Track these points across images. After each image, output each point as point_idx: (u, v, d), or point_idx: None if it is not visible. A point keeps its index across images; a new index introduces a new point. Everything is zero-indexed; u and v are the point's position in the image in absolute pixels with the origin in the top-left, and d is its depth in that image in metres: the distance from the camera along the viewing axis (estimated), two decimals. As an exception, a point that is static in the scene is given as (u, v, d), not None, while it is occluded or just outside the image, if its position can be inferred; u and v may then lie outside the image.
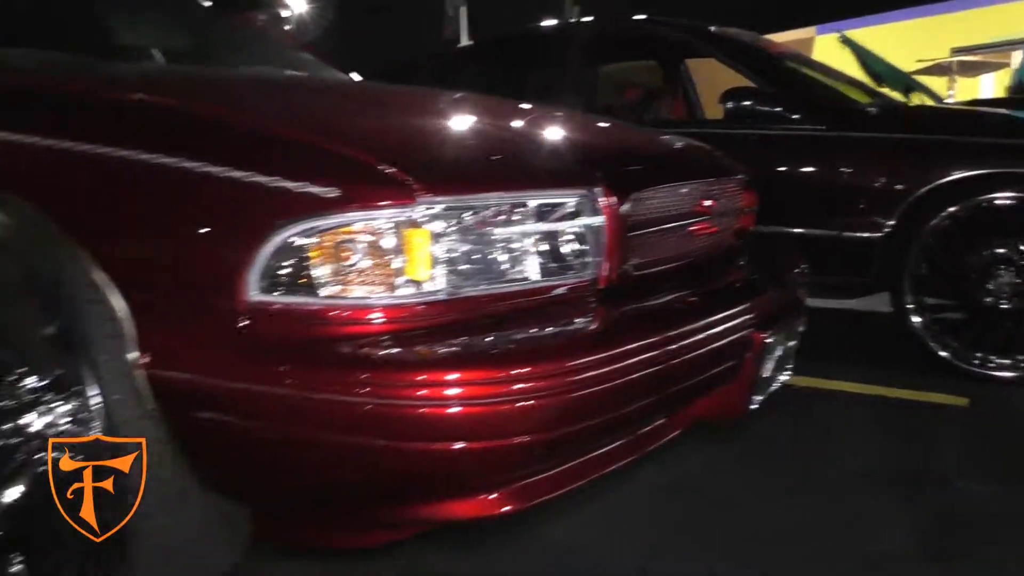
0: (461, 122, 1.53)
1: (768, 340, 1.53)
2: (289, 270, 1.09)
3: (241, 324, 1.10)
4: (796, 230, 2.80)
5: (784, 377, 1.71)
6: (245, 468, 1.20)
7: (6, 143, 1.31)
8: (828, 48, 8.65)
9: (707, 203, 1.62)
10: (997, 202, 2.57)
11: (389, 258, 1.10)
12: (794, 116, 2.88)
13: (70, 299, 1.19)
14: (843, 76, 3.59)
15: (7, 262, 1.31)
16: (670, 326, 1.32)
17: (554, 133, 1.60)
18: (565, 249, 1.26)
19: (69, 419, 1.33)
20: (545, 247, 1.23)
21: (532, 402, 1.09)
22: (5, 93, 1.46)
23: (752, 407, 1.59)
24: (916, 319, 2.71)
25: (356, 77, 2.52)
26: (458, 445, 1.07)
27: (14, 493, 1.45)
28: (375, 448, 1.07)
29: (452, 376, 1.05)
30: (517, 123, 1.64)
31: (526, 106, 1.81)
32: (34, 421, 1.34)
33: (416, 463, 1.09)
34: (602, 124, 1.87)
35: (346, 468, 1.12)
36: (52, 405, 1.33)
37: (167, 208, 1.16)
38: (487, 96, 1.88)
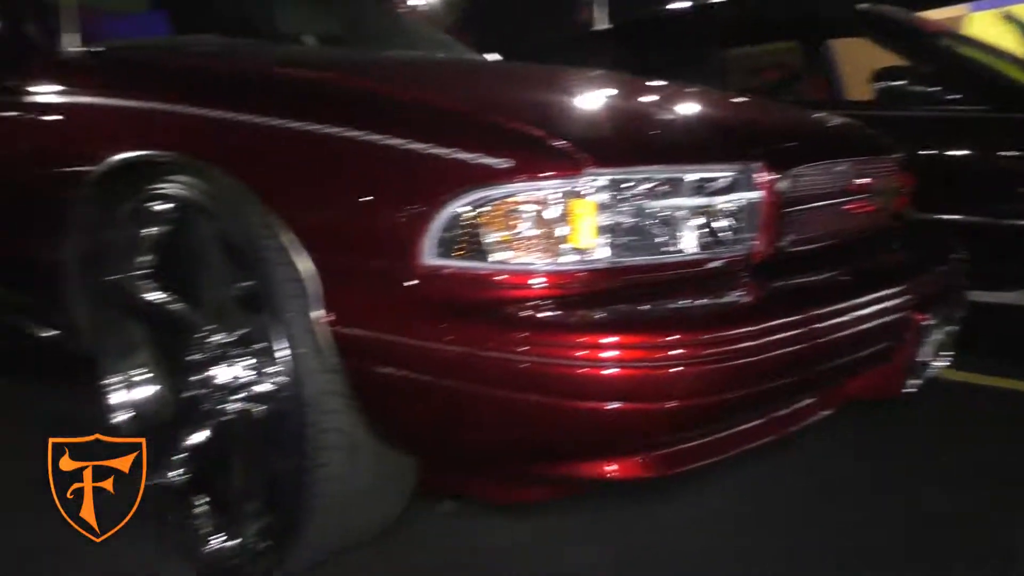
0: (618, 99, 1.58)
1: (927, 322, 1.50)
2: (462, 236, 1.17)
3: (415, 286, 1.19)
4: (951, 217, 2.68)
5: (942, 363, 1.66)
6: (414, 421, 1.29)
7: (207, 119, 1.46)
8: (984, 26, 8.07)
9: (863, 181, 1.59)
10: None
11: (554, 227, 1.16)
12: (953, 97, 2.74)
13: (262, 260, 1.31)
14: (1006, 54, 3.38)
15: (205, 226, 1.45)
16: (823, 303, 1.33)
17: (710, 110, 1.62)
18: (721, 224, 1.28)
19: (254, 372, 1.47)
20: (702, 221, 1.26)
21: (683, 369, 1.12)
22: (201, 74, 1.61)
23: (907, 391, 1.56)
24: (1084, 313, 2.54)
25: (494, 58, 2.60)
26: (611, 405, 1.12)
27: (200, 438, 1.62)
28: (534, 404, 1.13)
29: (609, 339, 1.10)
30: (672, 101, 1.67)
31: (679, 85, 1.83)
32: (220, 373, 1.49)
33: (571, 420, 1.15)
34: (756, 102, 1.87)
35: (506, 422, 1.19)
36: (238, 359, 1.47)
37: (352, 177, 1.27)
38: (637, 76, 1.92)
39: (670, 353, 1.11)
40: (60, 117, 1.80)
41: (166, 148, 1.49)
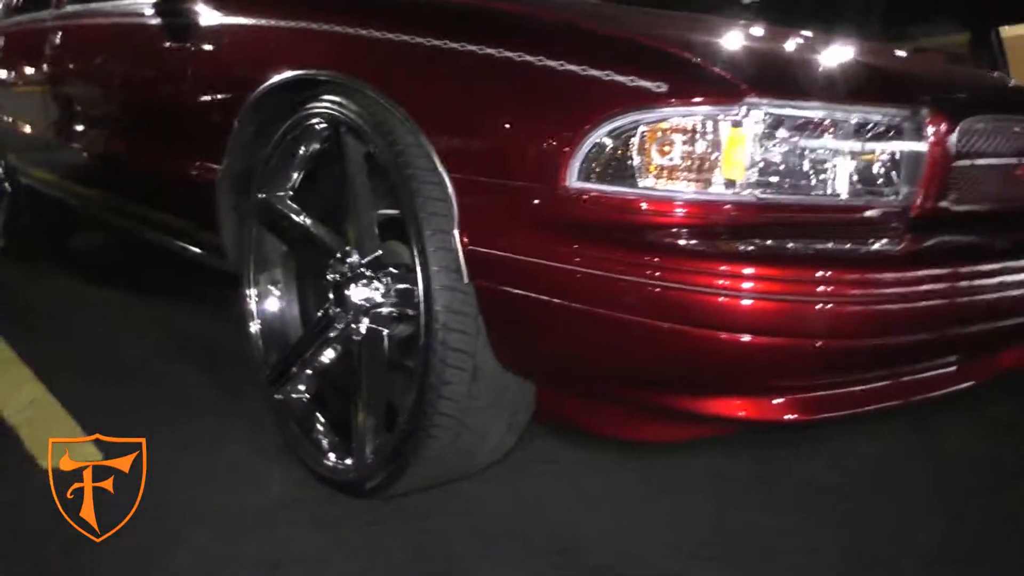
0: (781, 39, 1.51)
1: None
2: (610, 160, 1.15)
3: (555, 208, 1.18)
4: None
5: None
6: (540, 344, 1.29)
7: (362, 38, 1.49)
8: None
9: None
10: None
11: (707, 156, 1.13)
12: None
13: (408, 178, 1.34)
14: None
15: (354, 145, 1.49)
16: (981, 262, 1.25)
17: (876, 57, 1.53)
18: (880, 170, 1.21)
19: (386, 294, 1.50)
20: (860, 166, 1.20)
21: (825, 306, 1.08)
22: None
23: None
24: None
25: None
26: (746, 337, 1.09)
27: (326, 358, 1.67)
28: (668, 332, 1.11)
29: (751, 270, 1.07)
30: (837, 46, 1.59)
31: (844, 37, 1.74)
32: (354, 294, 1.53)
33: (705, 350, 1.12)
34: (927, 56, 1.76)
35: (637, 349, 1.17)
36: (372, 280, 1.51)
37: (502, 98, 1.27)
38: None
39: (813, 289, 1.07)
40: (222, 41, 1.89)
41: (323, 67, 1.54)
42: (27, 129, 3.11)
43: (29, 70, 3.04)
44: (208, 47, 1.91)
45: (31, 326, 2.57)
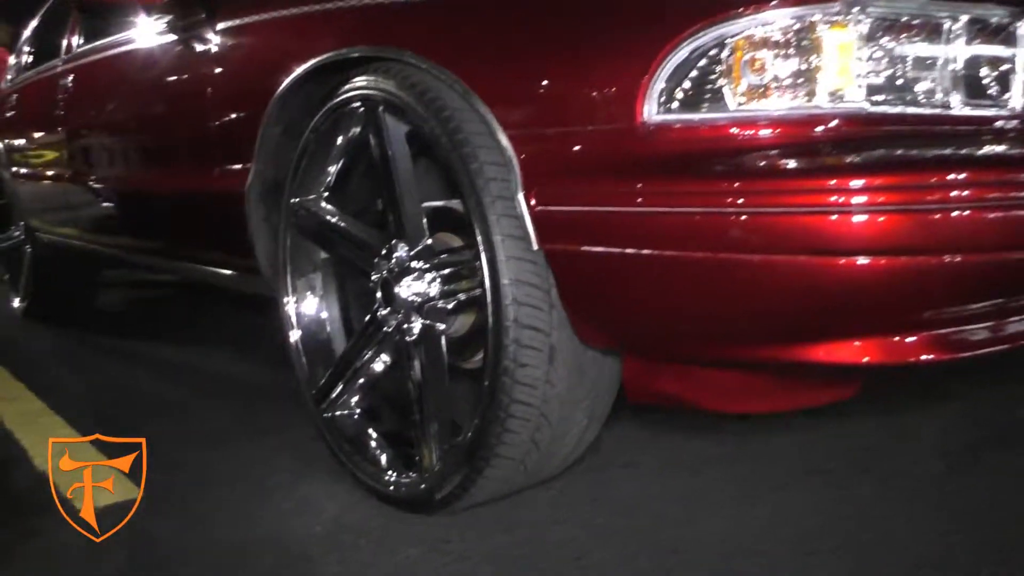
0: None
1: None
2: (693, 85, 1.02)
3: (635, 148, 1.05)
4: None
5: None
6: (629, 305, 1.15)
7: (390, 4, 1.38)
8: None
9: None
10: None
11: (806, 65, 0.99)
12: None
13: (461, 143, 1.21)
14: None
15: (395, 126, 1.37)
16: None
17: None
18: (997, 73, 1.08)
19: (437, 281, 1.36)
20: (975, 68, 1.07)
21: (958, 212, 0.95)
22: None
23: None
24: None
25: None
26: (865, 260, 0.94)
27: (381, 362, 1.53)
28: (780, 265, 0.97)
29: (873, 180, 0.93)
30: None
31: None
32: (404, 290, 1.39)
33: (823, 281, 0.97)
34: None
35: (743, 291, 1.02)
36: (423, 272, 1.37)
37: (562, 37, 1.15)
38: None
39: (946, 194, 0.94)
40: (237, 45, 1.81)
41: (352, 45, 1.43)
42: (46, 183, 3.05)
43: (44, 122, 2.99)
44: (224, 55, 1.82)
45: (59, 377, 2.50)
